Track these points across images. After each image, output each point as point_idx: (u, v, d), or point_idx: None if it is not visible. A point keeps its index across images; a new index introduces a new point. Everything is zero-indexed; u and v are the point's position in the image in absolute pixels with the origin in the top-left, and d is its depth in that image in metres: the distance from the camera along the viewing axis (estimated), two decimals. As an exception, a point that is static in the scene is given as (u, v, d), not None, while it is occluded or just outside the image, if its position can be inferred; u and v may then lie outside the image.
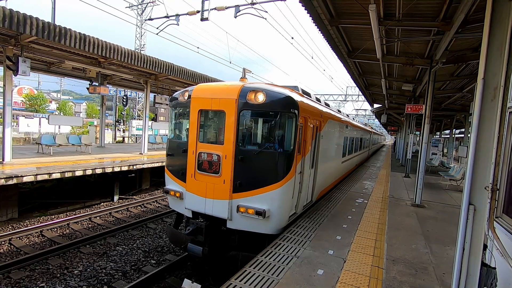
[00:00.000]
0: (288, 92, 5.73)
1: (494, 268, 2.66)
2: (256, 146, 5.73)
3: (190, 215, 6.25)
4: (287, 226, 6.11)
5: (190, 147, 6.10)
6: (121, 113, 36.48)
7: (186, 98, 6.34)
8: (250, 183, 5.52)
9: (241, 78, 6.86)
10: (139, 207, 12.09)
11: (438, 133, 36.19)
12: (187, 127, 6.36)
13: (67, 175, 9.84)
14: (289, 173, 5.54)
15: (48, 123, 17.90)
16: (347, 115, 15.29)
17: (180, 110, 6.77)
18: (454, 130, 27.44)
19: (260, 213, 5.32)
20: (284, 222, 5.89)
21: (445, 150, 27.92)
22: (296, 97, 5.88)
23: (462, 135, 24.51)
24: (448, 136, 29.40)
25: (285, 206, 5.68)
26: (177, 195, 6.33)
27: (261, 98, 5.46)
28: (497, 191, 2.72)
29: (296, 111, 5.60)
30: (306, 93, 7.64)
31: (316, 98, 8.66)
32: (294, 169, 5.73)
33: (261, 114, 5.75)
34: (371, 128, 30.71)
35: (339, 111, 12.58)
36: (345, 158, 12.35)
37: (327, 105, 9.97)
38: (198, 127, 6.09)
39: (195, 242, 5.87)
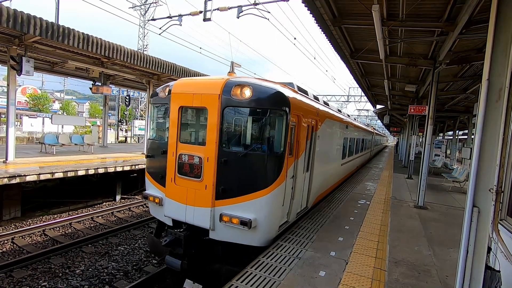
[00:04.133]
0: (278, 88, 5.20)
1: (499, 271, 2.63)
2: (242, 147, 5.14)
3: (171, 224, 5.69)
4: (278, 236, 5.63)
5: (170, 148, 5.53)
6: (124, 113, 36.60)
7: (166, 94, 5.74)
8: (235, 189, 4.97)
9: (229, 72, 6.18)
10: (141, 207, 12.11)
11: (441, 134, 36.03)
12: (168, 126, 5.77)
13: (70, 174, 9.88)
14: (278, 178, 4.98)
15: (51, 122, 18.01)
16: (348, 115, 14.73)
17: (161, 107, 6.19)
18: (457, 131, 27.27)
19: (245, 223, 4.75)
20: (274, 232, 5.37)
21: (448, 152, 27.77)
22: (288, 93, 5.36)
23: (466, 137, 24.35)
24: (451, 137, 29.24)
25: (274, 215, 5.16)
26: (156, 201, 5.75)
27: (247, 93, 4.88)
28: (502, 194, 2.69)
29: (287, 109, 5.05)
30: (302, 90, 7.10)
31: (314, 96, 8.18)
32: (285, 173, 5.20)
33: (247, 112, 5.15)
34: (373, 128, 30.31)
35: (339, 110, 12.00)
36: (345, 160, 11.79)
37: (326, 104, 9.41)
38: (179, 126, 5.51)
39: (174, 255, 5.32)
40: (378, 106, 24.71)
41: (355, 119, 17.83)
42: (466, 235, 3.04)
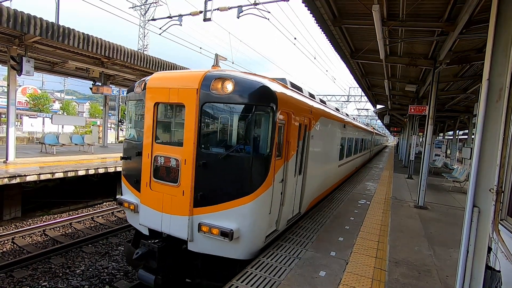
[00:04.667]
0: (264, 81, 4.68)
1: (499, 271, 2.63)
2: (223, 148, 4.66)
3: (147, 233, 5.23)
4: (265, 246, 5.14)
5: (144, 149, 5.05)
6: (124, 113, 36.63)
7: (142, 88, 5.26)
8: (215, 195, 4.50)
9: (213, 66, 5.64)
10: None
11: (441, 134, 36.03)
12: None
13: (70, 174, 9.88)
14: (264, 183, 4.51)
15: (52, 122, 18.02)
16: (347, 114, 14.26)
17: (137, 104, 5.70)
18: (457, 131, 27.27)
19: (225, 234, 4.28)
20: (259, 243, 4.86)
21: (449, 152, 27.77)
22: (275, 87, 4.85)
23: (466, 137, 24.36)
24: (452, 137, 29.24)
25: (259, 224, 4.67)
26: (131, 207, 5.24)
27: (229, 87, 4.41)
28: (502, 193, 2.69)
29: (274, 105, 4.56)
30: (295, 87, 6.64)
31: (310, 94, 7.71)
32: (272, 177, 4.72)
33: (229, 108, 4.67)
34: (373, 128, 30.09)
35: (337, 109, 11.54)
36: (343, 161, 11.32)
37: (323, 102, 8.91)
38: (155, 125, 5.02)
39: (148, 268, 4.79)
40: (378, 106, 24.72)
41: (354, 118, 17.34)
42: (466, 235, 3.04)
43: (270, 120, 4.58)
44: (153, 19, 14.66)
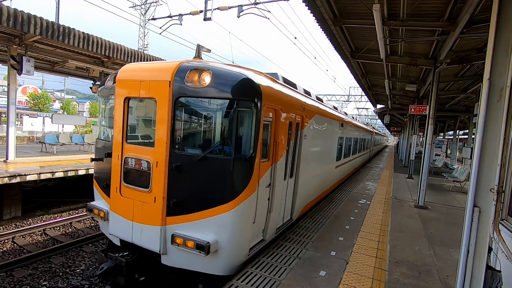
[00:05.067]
0: (247, 73, 4.18)
1: (499, 271, 2.63)
2: (199, 149, 4.22)
3: (119, 243, 4.71)
4: (250, 259, 4.63)
5: (114, 150, 4.54)
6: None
7: (113, 82, 4.75)
8: (190, 202, 4.04)
9: (195, 57, 5.10)
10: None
11: (441, 134, 36.02)
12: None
13: (70, 174, 9.89)
14: (247, 188, 4.02)
15: (52, 122, 18.00)
16: (345, 113, 13.92)
17: (108, 99, 5.15)
18: (457, 131, 27.26)
19: (201, 247, 3.78)
20: (242, 257, 4.36)
21: (449, 151, 27.76)
22: (260, 80, 4.35)
23: (466, 136, 24.36)
24: (452, 137, 29.23)
25: (241, 235, 4.18)
26: (101, 215, 4.73)
27: (206, 80, 3.93)
28: (503, 193, 2.69)
29: (258, 100, 4.07)
30: (288, 82, 6.20)
31: (305, 91, 7.25)
32: (256, 181, 4.24)
33: (206, 103, 4.21)
34: (373, 128, 29.77)
35: (335, 108, 11.08)
36: (341, 162, 10.84)
37: (319, 100, 8.44)
38: (125, 123, 4.50)
39: (116, 285, 4.41)
40: (379, 106, 24.72)
41: (353, 117, 16.87)
42: (467, 235, 3.04)
43: (253, 117, 4.08)
44: (153, 19, 14.65)
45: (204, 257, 3.88)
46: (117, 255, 4.36)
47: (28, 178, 8.69)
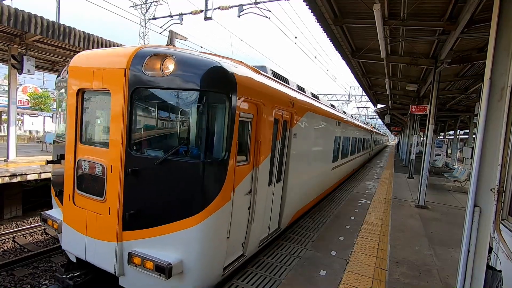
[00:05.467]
0: (220, 61, 3.56)
1: (500, 271, 2.63)
2: (160, 151, 3.55)
3: (75, 260, 4.10)
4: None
5: (67, 152, 3.96)
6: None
7: (67, 73, 4.12)
8: (151, 214, 3.45)
9: (168, 45, 4.40)
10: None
11: (442, 133, 36.00)
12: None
13: (71, 173, 9.88)
14: (218, 197, 3.43)
15: (52, 121, 18.02)
16: (344, 112, 13.45)
17: (64, 92, 4.42)
18: (458, 131, 27.26)
19: (161, 269, 3.17)
20: (214, 278, 3.74)
21: (449, 151, 27.74)
22: (236, 70, 3.74)
23: (467, 136, 24.36)
24: (452, 137, 29.21)
25: (212, 252, 3.56)
26: (55, 226, 4.13)
27: (169, 67, 3.34)
28: (503, 193, 2.69)
29: (231, 92, 3.49)
30: (279, 77, 5.71)
31: (299, 86, 6.79)
32: (231, 188, 3.65)
33: (169, 96, 3.59)
34: (373, 127, 29.28)
35: (332, 106, 10.52)
36: (337, 163, 10.27)
37: (315, 97, 7.92)
38: (79, 119, 3.90)
39: None
40: (379, 106, 24.71)
41: (352, 116, 16.19)
42: (467, 235, 3.04)
43: (226, 113, 3.48)
44: (154, 18, 14.66)
45: (166, 281, 3.23)
46: (65, 276, 3.79)
47: (29, 177, 8.70)
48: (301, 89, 6.82)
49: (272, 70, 5.58)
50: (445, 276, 4.64)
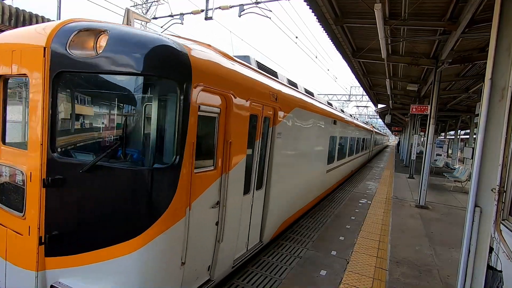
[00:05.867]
0: (168, 38, 2.83)
1: (500, 271, 2.63)
2: (91, 154, 2.80)
3: None
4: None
5: None
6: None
7: None
8: (80, 236, 2.74)
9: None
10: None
11: (443, 134, 35.97)
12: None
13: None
14: (164, 216, 2.64)
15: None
16: (342, 110, 12.85)
17: None
18: (459, 131, 27.25)
19: None
20: None
21: (450, 151, 27.73)
22: (192, 51, 2.89)
23: (467, 136, 24.34)
24: (453, 137, 29.20)
25: (159, 284, 2.79)
26: None
27: (101, 45, 2.59)
28: (504, 193, 2.69)
29: (183, 77, 2.71)
30: (264, 68, 5.10)
31: (290, 81, 6.20)
32: (185, 202, 2.84)
33: (101, 82, 2.85)
34: (373, 127, 28.59)
35: (329, 104, 9.89)
36: (333, 165, 9.58)
37: (309, 93, 7.31)
38: (0, 114, 3.14)
39: None
40: (380, 106, 24.70)
41: (351, 115, 15.51)
42: (468, 235, 3.04)
43: (177, 105, 2.67)
44: (155, 18, 14.68)
45: None
46: None
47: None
48: (292, 84, 6.23)
49: (256, 61, 4.98)
50: (446, 276, 4.64)
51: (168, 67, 2.67)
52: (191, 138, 2.80)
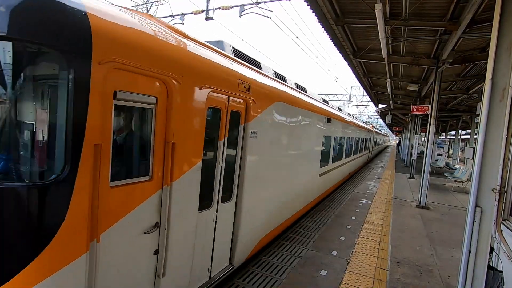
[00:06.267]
0: None
1: (501, 272, 2.63)
2: None
3: None
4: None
5: None
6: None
7: None
8: None
9: None
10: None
11: (443, 134, 35.93)
12: None
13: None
14: (44, 254, 1.82)
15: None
16: (340, 109, 12.17)
17: None
18: (459, 131, 27.22)
19: None
20: None
21: (451, 151, 27.68)
22: (98, 11, 2.05)
23: (468, 136, 24.31)
24: (454, 137, 29.16)
25: None
26: None
27: None
28: (505, 194, 2.69)
29: (75, 46, 1.88)
30: (243, 57, 4.47)
31: (277, 73, 5.56)
32: (84, 232, 2.01)
33: None
34: (373, 126, 27.98)
35: (325, 101, 9.09)
36: (327, 168, 8.81)
37: (301, 89, 6.62)
38: None
39: None
40: (380, 106, 24.68)
41: (349, 114, 14.90)
42: (468, 235, 3.04)
43: (67, 87, 1.86)
44: (155, 18, 14.65)
45: None
46: None
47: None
48: (280, 78, 5.54)
49: (233, 47, 4.28)
50: (446, 276, 4.64)
51: (50, 29, 1.82)
52: (94, 138, 1.98)
